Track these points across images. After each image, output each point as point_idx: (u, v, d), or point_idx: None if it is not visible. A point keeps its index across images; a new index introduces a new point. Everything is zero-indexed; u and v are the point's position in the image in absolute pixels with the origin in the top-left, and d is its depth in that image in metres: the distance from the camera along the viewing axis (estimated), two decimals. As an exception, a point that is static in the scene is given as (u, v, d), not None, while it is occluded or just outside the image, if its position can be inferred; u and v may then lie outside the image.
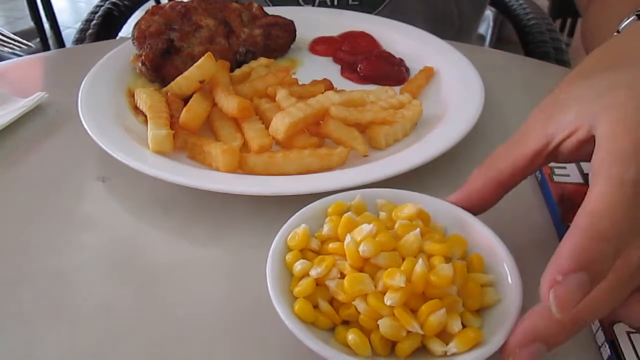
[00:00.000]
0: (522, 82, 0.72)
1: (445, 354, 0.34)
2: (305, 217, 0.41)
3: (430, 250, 0.37)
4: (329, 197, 0.42)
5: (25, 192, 0.53)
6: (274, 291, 0.36)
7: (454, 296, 0.35)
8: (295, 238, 0.39)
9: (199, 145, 0.53)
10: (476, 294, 0.36)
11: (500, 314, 0.35)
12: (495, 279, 0.38)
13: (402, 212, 0.40)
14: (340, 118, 0.54)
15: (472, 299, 0.36)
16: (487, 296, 0.37)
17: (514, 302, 0.35)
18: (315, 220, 0.41)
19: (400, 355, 0.35)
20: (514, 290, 0.36)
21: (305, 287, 0.36)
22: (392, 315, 0.34)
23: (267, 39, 0.71)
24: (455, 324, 0.34)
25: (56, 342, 0.39)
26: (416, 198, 0.42)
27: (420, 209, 0.40)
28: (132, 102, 0.62)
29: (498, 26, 2.41)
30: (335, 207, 0.41)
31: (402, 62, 0.71)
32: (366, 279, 0.35)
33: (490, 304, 0.37)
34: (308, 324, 0.35)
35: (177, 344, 0.39)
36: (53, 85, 0.67)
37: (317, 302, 0.36)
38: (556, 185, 0.50)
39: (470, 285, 0.36)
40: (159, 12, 0.66)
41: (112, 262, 0.46)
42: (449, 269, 0.35)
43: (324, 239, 0.40)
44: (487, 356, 0.33)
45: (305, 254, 0.39)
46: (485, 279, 0.38)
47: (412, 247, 0.37)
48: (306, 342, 0.33)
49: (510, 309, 0.35)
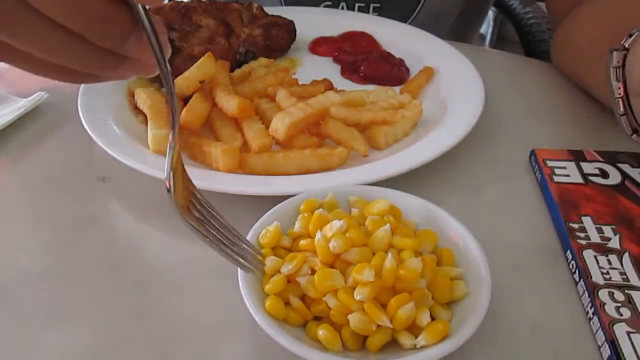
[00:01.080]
0: (522, 82, 0.72)
1: (415, 347, 0.34)
2: (277, 215, 0.42)
3: (400, 245, 0.37)
4: (301, 195, 0.43)
5: (25, 192, 0.53)
6: (245, 289, 0.36)
7: (422, 290, 0.36)
8: (267, 236, 0.40)
9: (199, 145, 0.53)
10: (445, 287, 0.37)
11: (469, 306, 0.36)
12: (465, 273, 0.38)
13: (374, 208, 0.40)
14: (340, 118, 0.54)
15: (442, 292, 0.37)
16: (456, 289, 0.37)
17: (483, 296, 0.36)
18: (288, 218, 0.41)
19: (370, 350, 0.35)
20: (484, 284, 0.36)
21: (276, 284, 0.37)
22: (362, 310, 0.35)
23: (267, 39, 0.71)
24: (424, 317, 0.35)
25: (56, 342, 0.39)
26: (388, 194, 0.43)
27: (391, 205, 0.41)
28: (132, 102, 0.62)
29: (498, 26, 2.41)
30: (307, 204, 0.41)
31: (402, 62, 0.71)
32: (336, 274, 0.36)
33: (460, 297, 0.37)
34: (280, 321, 0.36)
35: (177, 343, 0.39)
36: (53, 85, 0.67)
37: (289, 299, 0.37)
38: (556, 185, 0.50)
39: (439, 279, 0.37)
40: (159, 12, 0.66)
41: (112, 262, 0.46)
42: (418, 263, 0.35)
43: (296, 236, 0.40)
44: (455, 348, 0.33)
45: (277, 251, 0.40)
46: (454, 272, 0.38)
47: (382, 242, 0.37)
48: (277, 339, 0.34)
49: (479, 302, 0.35)
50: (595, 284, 0.41)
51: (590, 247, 0.44)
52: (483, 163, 0.56)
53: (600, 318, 0.38)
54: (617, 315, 0.38)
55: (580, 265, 0.42)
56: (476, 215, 0.49)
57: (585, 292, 0.41)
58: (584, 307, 0.41)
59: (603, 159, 0.53)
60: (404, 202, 0.42)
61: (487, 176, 0.55)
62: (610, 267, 0.42)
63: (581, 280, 0.42)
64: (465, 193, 0.53)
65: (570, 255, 0.44)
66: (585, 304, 0.41)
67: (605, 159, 0.53)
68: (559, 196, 0.49)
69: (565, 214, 0.47)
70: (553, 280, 0.44)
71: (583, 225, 0.46)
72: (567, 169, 0.52)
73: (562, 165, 0.53)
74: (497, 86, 0.66)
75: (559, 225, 0.47)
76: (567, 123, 0.63)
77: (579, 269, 0.42)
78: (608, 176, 0.51)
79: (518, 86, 0.71)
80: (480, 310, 0.35)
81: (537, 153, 0.54)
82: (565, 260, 0.45)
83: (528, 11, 1.03)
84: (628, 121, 0.47)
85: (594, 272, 0.41)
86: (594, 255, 0.43)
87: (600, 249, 0.43)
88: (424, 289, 0.36)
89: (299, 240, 0.39)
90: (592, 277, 0.41)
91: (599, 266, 0.42)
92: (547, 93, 0.70)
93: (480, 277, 0.37)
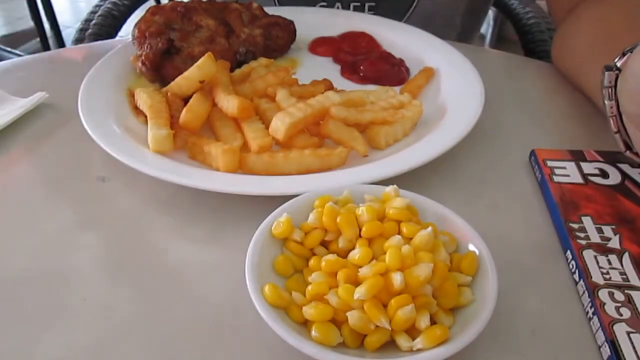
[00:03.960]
0: (522, 82, 0.72)
1: (411, 349, 0.34)
2: (290, 209, 0.42)
3: (417, 246, 0.37)
4: (316, 192, 0.43)
5: (25, 192, 0.53)
6: (251, 281, 0.37)
7: (427, 296, 0.36)
8: (280, 227, 0.40)
9: (199, 145, 0.53)
10: (452, 294, 0.37)
11: (472, 314, 0.36)
12: (473, 280, 0.38)
13: (392, 204, 0.41)
14: (340, 118, 0.54)
15: (447, 299, 0.37)
16: (462, 296, 0.37)
17: (488, 305, 0.36)
18: (301, 213, 0.42)
19: (368, 349, 0.35)
20: (490, 293, 0.36)
21: (322, 311, 0.36)
22: (361, 308, 0.35)
23: (267, 39, 0.71)
24: (423, 320, 0.35)
25: (56, 342, 0.39)
26: (406, 195, 0.43)
27: (408, 204, 0.41)
28: (132, 102, 0.62)
29: (498, 25, 2.41)
30: (322, 199, 0.42)
31: (402, 62, 0.71)
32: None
33: (465, 304, 0.37)
34: (282, 316, 0.36)
35: (177, 344, 0.39)
36: (53, 85, 0.67)
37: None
38: (556, 185, 0.50)
39: (447, 286, 0.37)
40: (159, 12, 0.66)
41: (112, 262, 0.46)
42: (426, 269, 0.35)
43: (309, 230, 0.41)
44: (451, 354, 0.33)
45: (288, 244, 0.41)
46: (463, 279, 0.38)
47: (399, 241, 0.37)
48: (278, 331, 0.34)
49: (483, 310, 0.35)
50: (595, 284, 0.41)
51: (590, 247, 0.44)
52: (483, 163, 0.56)
53: (600, 318, 0.38)
54: (617, 315, 0.38)
55: (580, 265, 0.42)
56: (476, 215, 0.49)
57: (585, 292, 0.41)
58: (584, 307, 0.41)
59: (603, 159, 0.53)
60: (419, 204, 0.42)
61: (487, 176, 0.55)
62: (610, 267, 0.42)
63: (581, 280, 0.42)
64: (465, 193, 0.53)
65: (570, 255, 0.44)
66: (585, 304, 0.41)
67: (605, 159, 0.53)
68: (558, 196, 0.49)
69: (565, 214, 0.47)
70: (553, 280, 0.44)
71: (583, 225, 0.46)
72: (567, 169, 0.52)
73: (562, 165, 0.53)
74: (497, 86, 0.66)
75: (559, 225, 0.47)
76: (567, 123, 0.63)
77: (579, 269, 0.42)
78: (608, 176, 0.51)
79: (518, 86, 0.71)
80: (482, 319, 0.35)
81: (537, 153, 0.54)
82: (565, 260, 0.45)
83: (528, 11, 1.03)
84: (621, 139, 0.48)
85: (594, 272, 0.41)
86: (594, 255, 0.43)
87: (600, 249, 0.43)
88: (428, 295, 0.36)
89: (312, 233, 0.40)
90: (592, 277, 0.41)
91: (599, 266, 0.42)
92: (547, 93, 0.70)
93: (487, 286, 0.37)
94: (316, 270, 0.38)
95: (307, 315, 0.36)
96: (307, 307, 0.36)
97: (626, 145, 0.48)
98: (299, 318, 0.36)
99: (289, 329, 0.34)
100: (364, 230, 0.39)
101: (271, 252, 0.40)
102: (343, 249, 0.39)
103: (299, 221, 0.41)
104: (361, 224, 0.39)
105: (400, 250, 0.36)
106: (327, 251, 0.40)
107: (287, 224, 0.40)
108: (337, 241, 0.40)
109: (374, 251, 0.38)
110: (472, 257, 0.39)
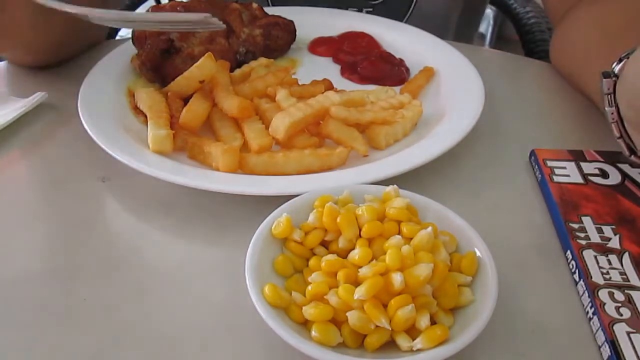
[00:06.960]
0: (522, 82, 0.72)
1: (411, 349, 0.34)
2: (289, 209, 0.42)
3: (417, 246, 0.37)
4: (316, 191, 0.43)
5: (26, 192, 0.53)
6: (251, 281, 0.37)
7: (427, 296, 0.36)
8: (280, 226, 0.40)
9: (199, 145, 0.53)
10: (452, 294, 0.37)
11: (472, 314, 0.36)
12: (472, 280, 0.38)
13: (392, 204, 0.41)
14: (340, 118, 0.54)
15: (447, 299, 0.37)
16: (462, 296, 0.37)
17: (488, 304, 0.36)
18: (301, 213, 0.42)
19: (368, 349, 0.35)
20: (490, 294, 0.36)
21: (322, 311, 0.36)
22: (361, 308, 0.35)
23: (267, 39, 0.70)
24: (423, 320, 0.35)
25: (56, 342, 0.39)
26: (406, 195, 0.43)
27: (408, 204, 0.41)
28: (132, 102, 0.62)
29: (498, 25, 2.41)
30: (322, 199, 0.42)
31: (402, 62, 0.71)
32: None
33: (465, 304, 0.37)
34: (282, 316, 0.36)
35: (177, 344, 0.39)
36: (53, 85, 0.67)
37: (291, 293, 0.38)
38: (556, 185, 0.50)
39: (447, 286, 0.37)
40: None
41: (112, 262, 0.46)
42: (426, 269, 0.35)
43: (309, 230, 0.41)
44: (451, 354, 0.33)
45: (288, 244, 0.41)
46: (463, 279, 0.38)
47: (399, 241, 0.37)
48: (278, 332, 0.34)
49: (483, 310, 0.35)
50: (595, 284, 0.41)
51: (590, 247, 0.44)
52: (483, 163, 0.56)
53: (600, 318, 0.38)
54: (617, 315, 0.38)
55: (580, 265, 0.42)
56: (476, 215, 0.49)
57: (585, 292, 0.41)
58: (584, 307, 0.41)
59: (603, 159, 0.53)
60: (419, 205, 0.42)
61: (487, 176, 0.55)
62: (610, 267, 0.42)
63: (581, 280, 0.42)
64: (465, 193, 0.53)
65: (570, 255, 0.44)
66: (585, 304, 0.41)
67: (605, 159, 0.53)
68: (559, 196, 0.49)
69: (565, 214, 0.47)
70: (553, 280, 0.44)
71: (583, 225, 0.46)
72: (567, 169, 0.52)
73: (562, 165, 0.53)
74: (497, 86, 0.66)
75: (559, 225, 0.47)
76: (567, 123, 0.63)
77: (579, 269, 0.42)
78: (608, 176, 0.51)
79: (518, 86, 0.71)
80: (482, 319, 0.35)
81: (537, 153, 0.54)
82: (565, 260, 0.45)
83: (528, 11, 1.03)
84: (625, 143, 0.48)
85: (594, 272, 0.41)
86: (594, 255, 0.43)
87: (600, 249, 0.43)
88: (428, 295, 0.36)
89: (311, 233, 0.40)
90: (592, 277, 0.41)
91: (599, 266, 0.42)
92: (547, 93, 0.70)
93: (487, 286, 0.37)
94: (316, 270, 0.38)
95: (307, 315, 0.36)
96: (307, 307, 0.36)
97: (630, 149, 0.48)
98: (299, 318, 0.36)
99: (289, 329, 0.34)
100: (364, 230, 0.39)
101: (271, 252, 0.40)
102: (343, 249, 0.39)
103: (299, 221, 0.41)
104: (361, 224, 0.39)
105: (400, 250, 0.36)
106: (327, 251, 0.40)
107: (287, 224, 0.40)
108: (337, 241, 0.40)
109: (374, 251, 0.38)
110: (472, 257, 0.39)
